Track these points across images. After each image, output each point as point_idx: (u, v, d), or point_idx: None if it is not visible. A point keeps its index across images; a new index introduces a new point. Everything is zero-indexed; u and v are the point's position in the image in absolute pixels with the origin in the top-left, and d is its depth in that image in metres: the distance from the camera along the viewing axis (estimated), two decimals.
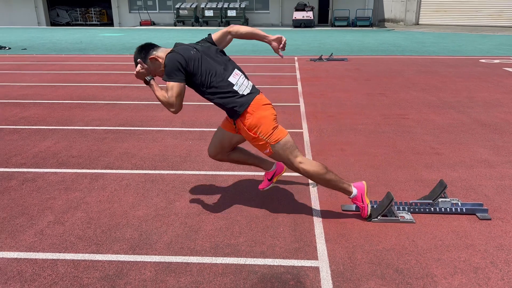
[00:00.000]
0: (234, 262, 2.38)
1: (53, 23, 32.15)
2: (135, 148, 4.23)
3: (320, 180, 2.71)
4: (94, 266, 2.34)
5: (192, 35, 20.31)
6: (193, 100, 6.37)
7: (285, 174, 3.59)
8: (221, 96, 2.60)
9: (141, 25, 29.02)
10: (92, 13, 32.18)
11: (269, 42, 2.73)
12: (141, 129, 4.89)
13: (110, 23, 32.18)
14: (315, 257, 2.43)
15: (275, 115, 2.68)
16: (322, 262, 2.37)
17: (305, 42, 16.43)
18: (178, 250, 2.50)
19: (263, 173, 3.60)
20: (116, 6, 30.15)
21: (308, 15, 26.61)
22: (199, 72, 2.58)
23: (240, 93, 2.60)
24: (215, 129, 4.85)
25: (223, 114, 5.52)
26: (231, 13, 27.46)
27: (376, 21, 29.27)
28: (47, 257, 2.41)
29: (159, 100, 2.60)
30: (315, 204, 3.06)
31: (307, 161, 2.69)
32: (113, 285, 2.18)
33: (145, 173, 3.62)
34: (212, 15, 27.65)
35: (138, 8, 30.14)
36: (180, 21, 28.25)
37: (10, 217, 2.87)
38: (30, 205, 3.04)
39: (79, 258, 2.40)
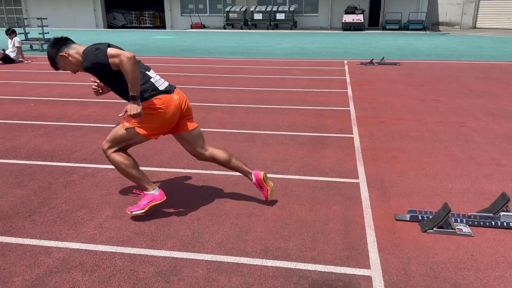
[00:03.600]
0: (285, 266, 2.38)
1: (110, 25, 33.73)
2: None
3: (122, 171, 2.80)
4: (149, 261, 2.42)
5: (240, 37, 20.56)
6: (244, 102, 6.45)
7: (336, 179, 3.55)
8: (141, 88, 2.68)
9: (191, 28, 29.78)
10: (146, 16, 33.44)
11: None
12: None
13: (162, 25, 33.28)
14: (367, 266, 2.38)
15: (171, 123, 2.78)
16: (375, 272, 2.32)
17: (354, 45, 16.15)
18: (229, 250, 2.53)
19: (311, 177, 3.58)
20: (169, 10, 31.15)
21: (358, 18, 26.15)
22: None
23: (157, 85, 2.76)
24: (265, 132, 4.89)
25: (272, 117, 5.54)
26: (280, 16, 27.54)
27: (430, 24, 28.25)
28: (106, 250, 2.53)
29: (134, 74, 2.53)
30: (367, 212, 2.99)
31: (121, 153, 2.80)
32: (167, 280, 2.25)
33: (197, 173, 3.71)
34: (261, 18, 27.87)
35: (190, 11, 30.96)
36: (230, 24, 28.71)
37: (72, 209, 3.04)
38: (90, 199, 3.20)
39: (135, 252, 2.50)
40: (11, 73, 9.40)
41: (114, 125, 5.17)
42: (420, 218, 2.86)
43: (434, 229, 2.72)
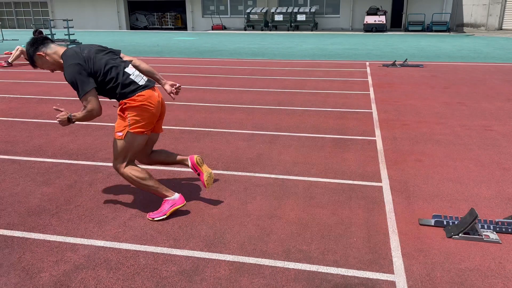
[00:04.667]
0: (307, 269, 2.37)
1: (132, 27, 34.27)
2: (209, 149, 4.38)
3: (139, 185, 2.86)
4: (172, 260, 2.45)
5: (261, 39, 20.59)
6: (265, 104, 6.45)
7: (358, 183, 3.51)
8: (119, 84, 2.76)
9: (212, 29, 29.97)
10: (168, 18, 33.85)
11: (163, 85, 3.10)
12: (214, 131, 5.04)
13: (184, 27, 33.62)
14: (391, 271, 2.34)
15: (156, 115, 2.86)
16: (399, 277, 2.29)
17: (376, 47, 15.97)
18: (251, 251, 2.54)
19: (333, 180, 3.55)
20: (190, 11, 31.45)
21: (380, 19, 25.86)
22: (96, 68, 2.73)
23: (137, 81, 2.81)
24: (286, 133, 4.88)
25: (293, 119, 5.53)
26: (301, 17, 27.47)
27: (454, 26, 27.70)
28: (130, 248, 2.57)
29: (84, 120, 2.76)
30: (390, 216, 2.95)
31: (133, 167, 2.85)
32: (189, 280, 2.27)
33: (218, 173, 3.73)
34: (282, 19, 27.85)
35: (211, 13, 31.18)
36: (250, 25, 28.79)
37: (97, 207, 3.10)
38: (114, 198, 3.26)
39: (158, 251, 2.53)
40: (38, 73, 9.66)
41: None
42: (445, 223, 2.81)
43: (460, 235, 2.66)
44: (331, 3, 29.19)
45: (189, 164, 3.05)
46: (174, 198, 2.91)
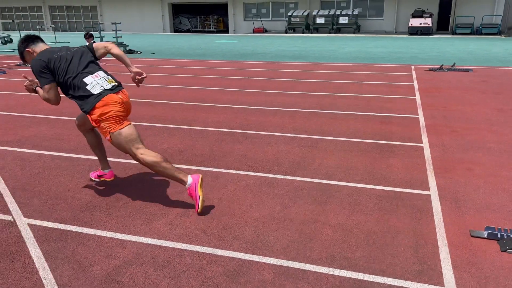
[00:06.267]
0: (352, 276, 2.33)
1: (176, 29, 35.12)
2: (250, 151, 4.40)
3: (157, 169, 2.97)
4: (217, 260, 2.48)
5: (302, 42, 20.51)
6: (307, 107, 6.42)
7: (405, 190, 3.42)
8: (77, 94, 2.97)
9: (254, 32, 30.18)
10: (210, 21, 34.45)
11: (130, 72, 3.25)
12: (256, 133, 5.07)
13: (225, 30, 34.07)
14: (441, 283, 2.26)
15: (121, 111, 3.00)
16: None
17: (422, 50, 15.49)
18: (294, 255, 2.53)
19: (378, 187, 3.47)
20: (232, 14, 31.85)
21: (426, 22, 25.10)
22: (57, 72, 2.98)
23: (92, 92, 2.95)
24: (328, 137, 4.83)
25: (336, 123, 5.46)
26: (343, 20, 27.14)
27: (506, 28, 26.39)
28: (176, 247, 2.62)
29: (41, 98, 3.08)
30: (439, 226, 2.85)
31: (147, 152, 2.99)
32: (234, 281, 2.29)
33: (260, 176, 3.74)
34: (324, 22, 27.63)
35: (252, 16, 31.42)
36: (291, 28, 28.76)
37: (145, 205, 3.19)
38: (161, 196, 3.34)
39: (203, 251, 2.57)
40: None
41: (182, 126, 5.35)
42: (499, 236, 2.67)
43: None
44: (375, 5, 28.66)
45: (107, 166, 3.51)
46: (190, 182, 3.00)
